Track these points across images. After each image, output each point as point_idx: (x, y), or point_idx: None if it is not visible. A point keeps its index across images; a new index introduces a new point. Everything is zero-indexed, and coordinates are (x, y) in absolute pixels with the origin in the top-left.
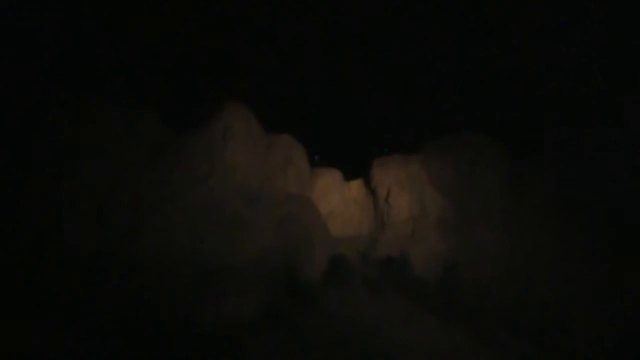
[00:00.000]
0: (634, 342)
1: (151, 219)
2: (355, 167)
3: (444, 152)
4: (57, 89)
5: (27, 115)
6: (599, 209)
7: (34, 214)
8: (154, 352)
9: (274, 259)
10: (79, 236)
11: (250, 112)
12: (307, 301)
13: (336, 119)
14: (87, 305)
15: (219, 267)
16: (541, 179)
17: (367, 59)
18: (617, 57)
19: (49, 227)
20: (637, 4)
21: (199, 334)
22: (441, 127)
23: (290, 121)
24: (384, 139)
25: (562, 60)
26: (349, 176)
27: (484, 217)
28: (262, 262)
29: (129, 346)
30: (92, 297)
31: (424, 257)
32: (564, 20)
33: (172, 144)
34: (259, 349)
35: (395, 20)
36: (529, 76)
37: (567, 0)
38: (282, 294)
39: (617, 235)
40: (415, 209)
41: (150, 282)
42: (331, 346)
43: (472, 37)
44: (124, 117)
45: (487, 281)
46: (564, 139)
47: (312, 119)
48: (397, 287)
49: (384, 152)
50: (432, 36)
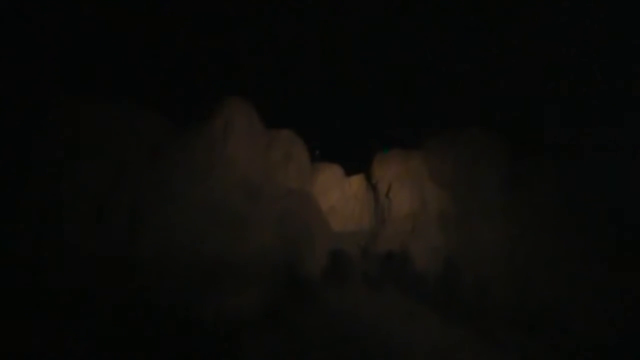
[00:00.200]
0: (634, 341)
1: (151, 216)
2: (355, 163)
3: (445, 148)
4: (57, 88)
5: (27, 115)
6: (600, 205)
7: (34, 214)
8: (154, 351)
9: (274, 254)
10: (78, 236)
11: (250, 107)
12: (307, 297)
13: (337, 115)
14: (87, 304)
15: (219, 263)
16: (542, 175)
17: (368, 54)
18: (617, 56)
19: (48, 227)
20: (637, 4)
21: (199, 332)
22: (442, 123)
23: (291, 117)
24: (385, 134)
25: (563, 57)
26: (349, 172)
27: (484, 213)
28: (262, 257)
29: (129, 345)
30: (92, 296)
31: (425, 252)
32: (566, 18)
33: (172, 140)
34: (259, 345)
35: (396, 16)
36: (530, 72)
37: None
38: (282, 289)
39: (617, 232)
40: (416, 205)
41: (150, 280)
42: (331, 342)
43: (474, 33)
44: (123, 113)
45: (488, 277)
46: (564, 136)
47: (313, 115)
48: (397, 282)
49: (384, 152)
50: (433, 32)
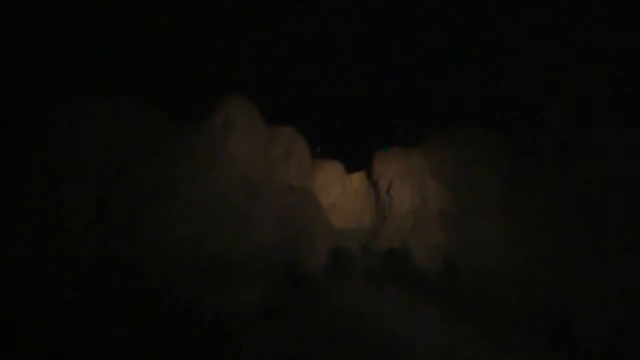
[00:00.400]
0: (633, 338)
1: (153, 211)
2: (356, 160)
3: (446, 146)
4: (57, 87)
5: (27, 115)
6: (599, 202)
7: (34, 214)
8: (156, 345)
9: (275, 250)
10: (80, 231)
11: (251, 105)
12: (308, 292)
13: (338, 112)
14: (90, 298)
15: (220, 258)
16: (542, 174)
17: (369, 52)
18: (618, 56)
19: (50, 223)
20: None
21: (201, 326)
22: (443, 121)
23: (292, 114)
24: (386, 132)
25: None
26: (350, 169)
27: (485, 211)
28: (263, 253)
29: (130, 342)
30: (94, 294)
31: (425, 249)
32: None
33: (172, 138)
34: (261, 341)
35: (397, 14)
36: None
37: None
38: (283, 286)
39: (617, 231)
40: (416, 202)
41: (152, 275)
42: (333, 338)
43: (475, 32)
44: (124, 112)
45: (488, 274)
46: (564, 136)
47: (314, 112)
48: (397, 278)
49: (384, 151)
50: (435, 30)
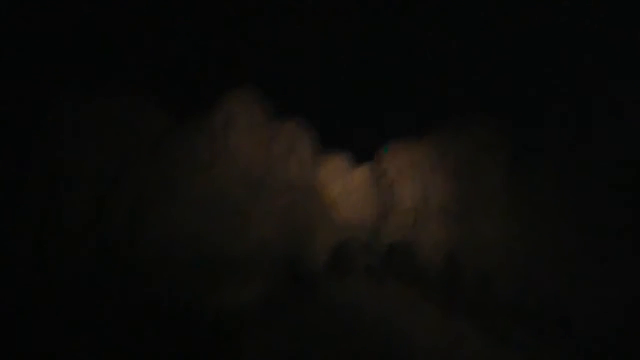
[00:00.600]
0: (634, 333)
1: (154, 210)
2: (359, 156)
3: (448, 143)
4: (57, 84)
5: (27, 114)
6: (601, 200)
7: (34, 212)
8: (157, 344)
9: (277, 246)
10: (80, 231)
11: (253, 100)
12: (310, 289)
13: (342, 107)
14: (90, 296)
15: (222, 256)
16: (543, 170)
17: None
18: (619, 52)
19: (50, 223)
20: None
21: (203, 324)
22: (446, 118)
23: (295, 108)
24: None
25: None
26: (353, 164)
27: (487, 207)
28: (265, 249)
29: (132, 339)
30: (96, 287)
31: (427, 245)
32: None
33: (173, 134)
34: (261, 336)
35: (402, 6)
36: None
37: None
38: (285, 282)
39: (618, 227)
40: (418, 198)
41: (152, 274)
42: (335, 334)
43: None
44: (125, 108)
45: (490, 270)
46: (566, 132)
47: (318, 107)
48: (400, 275)
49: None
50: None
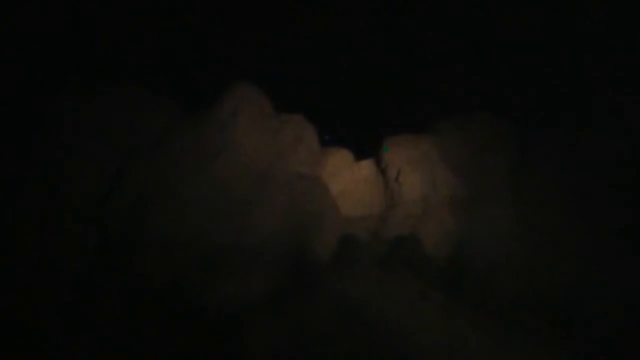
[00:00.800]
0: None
1: (159, 199)
2: (365, 147)
3: (455, 132)
4: (64, 71)
5: (30, 101)
6: (609, 186)
7: (36, 200)
8: (161, 334)
9: (284, 238)
10: (86, 217)
11: (260, 92)
12: (316, 281)
13: (346, 99)
14: (94, 285)
15: (228, 246)
16: (552, 159)
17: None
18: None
19: (52, 214)
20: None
21: (207, 315)
22: (452, 107)
23: (300, 101)
24: (395, 119)
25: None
26: (359, 156)
27: (494, 196)
28: (272, 241)
29: (133, 332)
30: (100, 277)
31: (435, 236)
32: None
33: (181, 126)
34: (267, 328)
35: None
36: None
37: None
38: (291, 273)
39: (628, 217)
40: (426, 188)
41: (158, 264)
42: (341, 327)
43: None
44: (131, 98)
45: (498, 259)
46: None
47: (322, 99)
48: (408, 266)
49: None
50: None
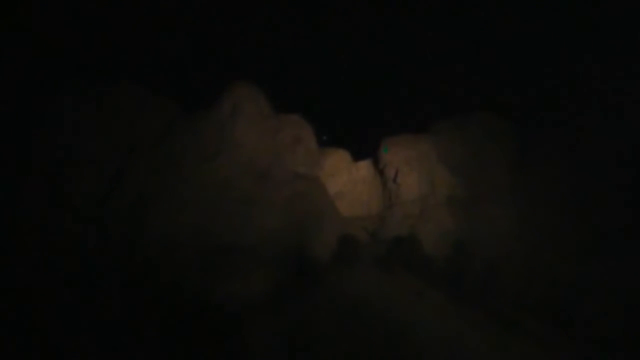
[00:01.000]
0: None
1: (159, 197)
2: (363, 148)
3: (453, 132)
4: (63, 71)
5: (31, 101)
6: (608, 186)
7: (37, 200)
8: (160, 335)
9: (282, 237)
10: (86, 215)
11: (259, 92)
12: (315, 280)
13: (344, 99)
14: (94, 282)
15: (227, 245)
16: (551, 158)
17: (375, 40)
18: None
19: (52, 214)
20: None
21: (206, 315)
22: (450, 107)
23: (299, 102)
24: (393, 119)
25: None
26: (357, 156)
27: (493, 195)
28: (270, 241)
29: (134, 329)
30: (98, 280)
31: (434, 235)
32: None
33: (180, 124)
34: (267, 327)
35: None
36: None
37: None
38: (290, 273)
39: (629, 215)
40: (424, 188)
41: (158, 262)
42: (340, 325)
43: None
44: (132, 97)
45: (497, 259)
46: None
47: (320, 99)
48: (406, 266)
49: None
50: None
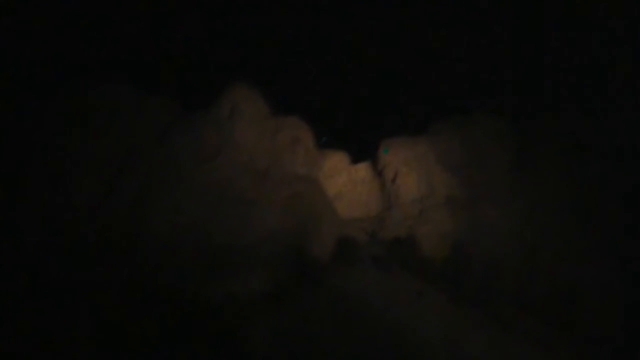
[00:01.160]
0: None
1: (159, 198)
2: (362, 149)
3: (452, 133)
4: (63, 72)
5: (31, 100)
6: (608, 185)
7: (37, 200)
8: (160, 333)
9: (281, 239)
10: (86, 215)
11: (257, 94)
12: (314, 281)
13: (344, 101)
14: (93, 282)
15: (226, 246)
16: (548, 159)
17: (375, 41)
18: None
19: (53, 208)
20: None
21: (206, 315)
22: (448, 108)
23: (298, 102)
24: (391, 121)
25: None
26: (356, 158)
27: (492, 196)
28: (269, 242)
29: (135, 328)
30: (98, 277)
31: (433, 236)
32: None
33: (179, 125)
34: (266, 328)
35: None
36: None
37: None
38: (289, 274)
39: (626, 214)
40: (422, 189)
41: (157, 262)
42: (339, 326)
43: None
44: (132, 98)
45: (495, 260)
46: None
47: (320, 101)
48: (405, 266)
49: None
50: (441, 19)
